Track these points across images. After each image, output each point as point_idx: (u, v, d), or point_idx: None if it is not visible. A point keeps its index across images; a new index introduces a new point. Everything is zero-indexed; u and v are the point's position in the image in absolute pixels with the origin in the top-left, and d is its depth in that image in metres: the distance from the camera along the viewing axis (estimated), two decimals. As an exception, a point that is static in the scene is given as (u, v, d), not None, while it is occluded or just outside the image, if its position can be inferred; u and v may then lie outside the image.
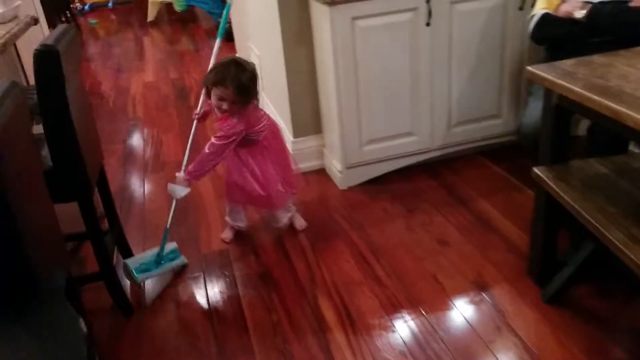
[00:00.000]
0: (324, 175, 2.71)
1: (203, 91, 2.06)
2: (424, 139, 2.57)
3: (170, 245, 2.10)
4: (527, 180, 2.08)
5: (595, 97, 1.40)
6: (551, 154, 1.74)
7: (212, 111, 2.09)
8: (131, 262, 1.98)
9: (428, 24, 2.33)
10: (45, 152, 1.62)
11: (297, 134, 2.71)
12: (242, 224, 2.30)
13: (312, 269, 2.03)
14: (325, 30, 2.30)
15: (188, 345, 1.75)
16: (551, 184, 1.65)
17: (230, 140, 1.96)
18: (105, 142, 3.38)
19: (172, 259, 2.07)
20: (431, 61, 2.42)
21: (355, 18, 2.25)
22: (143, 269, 1.98)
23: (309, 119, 2.69)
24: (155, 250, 2.04)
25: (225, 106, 1.91)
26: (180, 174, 2.00)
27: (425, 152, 2.62)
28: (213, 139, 1.96)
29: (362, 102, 2.41)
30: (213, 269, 2.10)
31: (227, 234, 2.28)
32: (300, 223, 2.31)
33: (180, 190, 1.99)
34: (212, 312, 1.89)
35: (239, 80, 1.87)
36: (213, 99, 1.94)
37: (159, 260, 2.03)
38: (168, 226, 2.07)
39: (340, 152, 2.49)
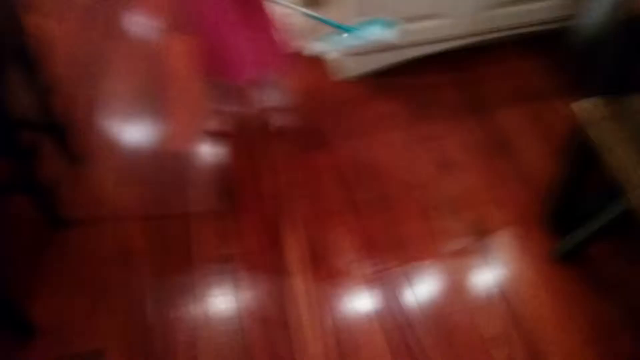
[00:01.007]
0: (319, 61, 2.24)
1: None
2: (452, 23, 2.03)
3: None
4: (566, 90, 1.63)
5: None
6: (608, 80, 1.27)
7: None
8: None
9: None
10: None
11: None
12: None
13: (278, 187, 1.69)
14: None
15: (123, 272, 1.50)
16: (594, 127, 1.22)
17: None
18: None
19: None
20: None
21: None
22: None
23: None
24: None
25: None
26: None
27: (450, 40, 2.11)
28: None
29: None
30: (163, 175, 1.78)
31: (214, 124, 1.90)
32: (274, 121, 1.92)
33: None
34: (151, 232, 1.61)
35: None
36: None
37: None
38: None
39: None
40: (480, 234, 1.52)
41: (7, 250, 1.54)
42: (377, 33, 1.59)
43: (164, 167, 1.80)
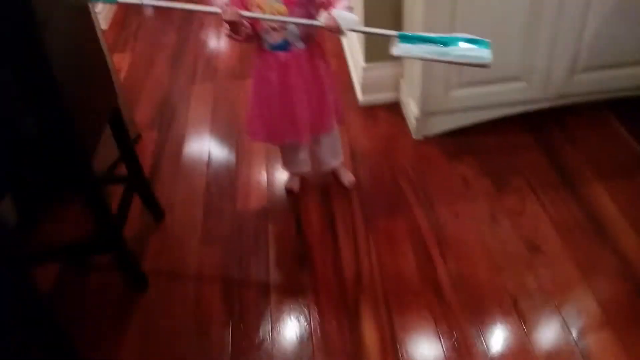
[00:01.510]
0: (397, 112, 2.20)
1: None
2: (535, 85, 1.95)
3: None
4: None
5: None
6: None
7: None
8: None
9: None
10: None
11: (370, 56, 2.15)
12: (306, 167, 1.82)
13: (359, 259, 1.65)
14: None
15: (202, 345, 1.50)
16: None
17: None
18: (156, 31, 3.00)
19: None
20: (565, -17, 1.71)
21: None
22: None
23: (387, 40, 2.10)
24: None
25: None
26: (337, 13, 1.36)
27: (532, 103, 2.02)
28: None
29: (457, 30, 1.79)
30: (244, 237, 1.78)
31: (291, 182, 1.90)
32: (348, 178, 1.89)
33: (352, 16, 1.39)
34: (232, 299, 1.60)
35: None
36: None
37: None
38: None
39: (420, 94, 1.94)
40: (576, 331, 1.42)
41: (89, 310, 1.58)
42: (470, 51, 1.29)
43: (243, 226, 1.80)
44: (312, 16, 1.44)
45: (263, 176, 1.98)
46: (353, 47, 2.31)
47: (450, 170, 1.92)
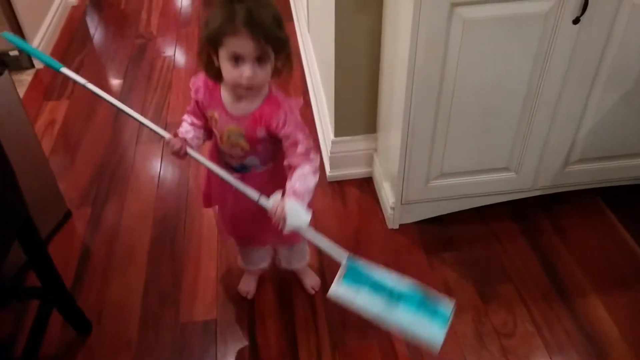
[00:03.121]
0: (369, 190, 1.95)
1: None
2: (524, 176, 1.74)
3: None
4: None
5: None
6: None
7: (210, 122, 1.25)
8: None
9: (576, 21, 1.38)
10: None
11: (340, 131, 1.90)
12: (264, 263, 1.59)
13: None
14: (404, 12, 1.40)
15: None
16: None
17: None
18: (103, 68, 2.67)
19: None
20: (565, 75, 1.50)
21: (455, 4, 1.33)
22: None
23: (359, 112, 1.86)
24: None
25: (247, 72, 1.07)
26: (282, 200, 1.14)
27: (520, 192, 1.81)
28: (306, 165, 1.18)
29: (442, 123, 1.56)
30: (189, 346, 1.48)
31: (247, 285, 1.62)
32: (312, 281, 1.63)
33: (304, 214, 1.15)
34: None
35: (256, 20, 1.03)
36: (226, 71, 1.11)
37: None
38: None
39: (397, 185, 1.70)
40: None
41: None
42: (421, 326, 1.08)
43: (187, 342, 1.51)
44: (276, 153, 1.25)
45: (213, 274, 1.69)
46: (323, 119, 2.05)
47: (430, 273, 1.68)
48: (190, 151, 1.21)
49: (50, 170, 1.81)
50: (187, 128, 1.26)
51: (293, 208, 1.11)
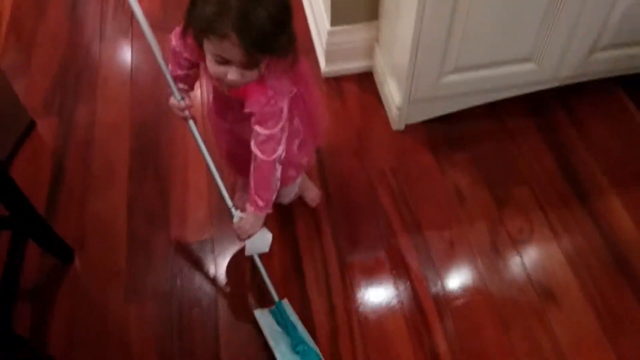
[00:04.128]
0: (370, 85, 1.75)
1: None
2: (546, 67, 1.55)
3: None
4: None
5: None
6: None
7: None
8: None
9: None
10: None
11: (337, 19, 1.64)
12: None
13: (335, 314, 1.30)
14: None
15: None
16: None
17: (283, 138, 1.07)
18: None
19: None
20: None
21: None
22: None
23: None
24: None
25: (232, 75, 0.93)
26: (241, 214, 1.15)
27: (538, 84, 1.63)
28: (260, 154, 1.06)
29: (462, 6, 1.33)
30: (184, 284, 1.37)
31: (243, 200, 1.43)
32: (311, 195, 1.49)
33: (264, 238, 1.19)
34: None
35: (250, 23, 0.85)
36: (209, 62, 0.95)
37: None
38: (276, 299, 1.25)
39: (405, 82, 1.50)
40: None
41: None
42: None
43: (182, 266, 1.39)
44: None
45: (204, 189, 1.52)
46: (315, 6, 1.77)
47: (440, 177, 1.55)
48: (191, 123, 1.13)
49: (3, 73, 1.55)
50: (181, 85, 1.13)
51: (257, 236, 1.16)
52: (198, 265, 1.39)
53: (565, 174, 1.56)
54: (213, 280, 1.37)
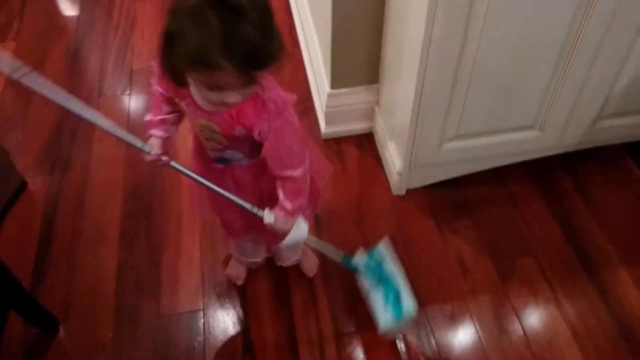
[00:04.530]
0: (370, 147, 1.72)
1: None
2: (550, 134, 1.52)
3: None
4: None
5: None
6: None
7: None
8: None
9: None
10: None
11: (337, 82, 1.63)
12: (258, 258, 1.39)
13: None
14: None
15: None
16: None
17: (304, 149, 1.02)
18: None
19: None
20: (611, 18, 1.24)
21: None
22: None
23: (360, 60, 1.58)
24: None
25: (231, 99, 0.84)
26: (272, 213, 1.02)
27: (542, 151, 1.59)
28: (289, 171, 0.98)
29: (463, 75, 1.30)
30: (175, 339, 1.30)
31: (236, 268, 1.41)
32: (309, 264, 1.43)
33: (299, 228, 1.06)
34: None
35: (239, 44, 0.76)
36: (199, 92, 0.88)
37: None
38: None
39: (406, 148, 1.47)
40: None
41: None
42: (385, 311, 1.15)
43: (171, 337, 1.32)
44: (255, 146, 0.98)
45: (197, 256, 1.47)
46: (316, 68, 1.76)
47: (442, 246, 1.49)
48: (172, 164, 1.03)
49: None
50: (157, 132, 1.03)
51: (293, 229, 1.04)
52: (187, 338, 1.33)
53: (571, 243, 1.51)
54: (203, 356, 1.30)
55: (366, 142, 1.73)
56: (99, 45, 2.07)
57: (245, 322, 1.35)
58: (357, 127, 1.73)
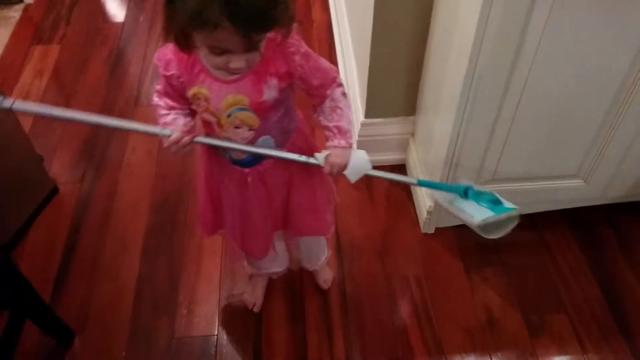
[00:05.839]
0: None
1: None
2: (594, 185, 1.43)
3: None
4: None
5: None
6: None
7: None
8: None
9: None
10: None
11: (372, 111, 1.59)
12: (276, 266, 1.35)
13: None
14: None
15: None
16: None
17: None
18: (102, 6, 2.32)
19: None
20: (672, 71, 1.16)
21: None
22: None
23: (396, 91, 1.54)
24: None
25: (236, 63, 0.83)
26: (323, 153, 0.99)
27: (583, 201, 1.51)
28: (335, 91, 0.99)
29: (505, 118, 1.24)
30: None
31: (253, 295, 1.39)
32: (325, 276, 1.42)
33: (360, 158, 1.01)
34: None
35: (240, 4, 0.74)
36: (205, 56, 0.86)
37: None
38: None
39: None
40: None
41: None
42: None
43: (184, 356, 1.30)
44: (291, 124, 1.02)
45: (216, 276, 1.45)
46: (352, 94, 1.73)
47: (469, 294, 1.43)
48: (198, 138, 0.96)
49: (28, 138, 1.55)
50: (172, 115, 0.96)
51: (353, 156, 0.99)
52: (200, 350, 1.30)
53: (609, 302, 1.42)
54: (212, 384, 1.27)
55: (398, 173, 1.68)
56: (140, 54, 2.09)
57: (259, 352, 1.31)
58: (389, 157, 1.69)
